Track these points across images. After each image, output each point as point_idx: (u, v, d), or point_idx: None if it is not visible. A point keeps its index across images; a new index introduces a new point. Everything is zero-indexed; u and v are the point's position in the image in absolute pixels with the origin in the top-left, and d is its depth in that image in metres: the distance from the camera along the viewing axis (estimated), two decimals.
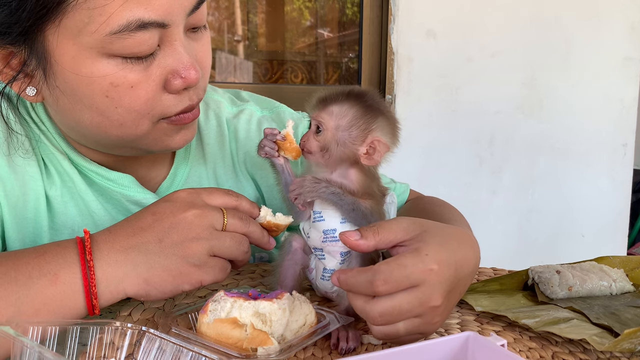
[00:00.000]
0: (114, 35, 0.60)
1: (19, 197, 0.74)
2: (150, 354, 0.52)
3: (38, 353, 0.44)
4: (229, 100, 0.93)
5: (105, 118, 0.66)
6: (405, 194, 0.97)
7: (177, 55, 0.65)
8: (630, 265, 0.84)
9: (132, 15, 0.59)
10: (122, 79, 0.63)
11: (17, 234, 0.74)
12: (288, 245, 0.68)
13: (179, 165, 0.85)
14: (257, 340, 0.55)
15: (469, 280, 0.61)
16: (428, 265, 0.54)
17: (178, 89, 0.66)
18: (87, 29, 0.60)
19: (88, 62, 0.62)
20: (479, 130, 2.09)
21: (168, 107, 0.67)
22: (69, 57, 0.62)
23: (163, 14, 0.61)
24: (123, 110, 0.65)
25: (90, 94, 0.64)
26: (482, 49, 2.05)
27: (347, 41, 2.53)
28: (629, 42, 2.14)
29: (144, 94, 0.65)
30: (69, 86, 0.64)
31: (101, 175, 0.77)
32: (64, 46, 0.61)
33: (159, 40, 0.63)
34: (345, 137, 0.64)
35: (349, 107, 0.64)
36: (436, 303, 0.55)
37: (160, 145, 0.72)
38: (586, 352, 0.63)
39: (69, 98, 0.65)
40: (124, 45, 0.61)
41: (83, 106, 0.66)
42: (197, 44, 0.69)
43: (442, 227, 0.61)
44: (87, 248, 0.60)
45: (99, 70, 0.62)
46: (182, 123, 0.70)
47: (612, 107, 2.17)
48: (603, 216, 2.23)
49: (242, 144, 0.89)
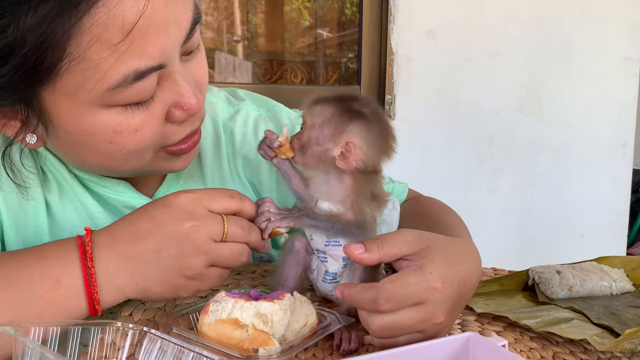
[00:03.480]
0: (113, 91, 0.58)
1: (18, 201, 0.73)
2: (152, 354, 0.52)
3: (39, 354, 0.44)
4: (225, 100, 0.91)
5: (110, 160, 0.66)
6: (404, 194, 0.96)
7: (177, 87, 0.64)
8: (631, 265, 0.84)
9: (128, 68, 0.57)
10: (125, 126, 0.62)
11: (16, 237, 0.74)
12: (290, 246, 0.68)
13: (174, 173, 0.84)
14: (258, 341, 0.55)
15: (471, 294, 0.61)
16: (432, 284, 0.54)
17: (181, 120, 0.66)
18: (84, 88, 0.58)
19: (88, 115, 0.60)
20: (478, 130, 2.09)
21: (171, 136, 0.67)
22: (68, 113, 0.60)
23: (158, 56, 0.59)
24: (128, 152, 0.65)
25: (94, 143, 0.63)
26: (482, 49, 2.05)
27: (346, 41, 2.53)
28: (628, 43, 2.14)
29: (149, 133, 0.64)
30: (71, 137, 0.63)
31: (95, 182, 0.77)
32: (62, 104, 0.60)
33: (157, 79, 0.62)
34: (319, 134, 0.62)
35: (330, 107, 0.63)
36: (439, 320, 0.55)
37: (165, 169, 0.73)
38: (587, 352, 0.63)
39: (72, 146, 0.65)
40: (123, 96, 0.59)
41: (87, 152, 0.65)
42: (193, 64, 0.68)
43: (446, 242, 0.60)
44: (89, 253, 0.59)
45: (100, 122, 0.61)
46: (182, 153, 0.70)
47: (611, 107, 2.18)
48: (602, 216, 2.23)
49: (239, 147, 0.87)
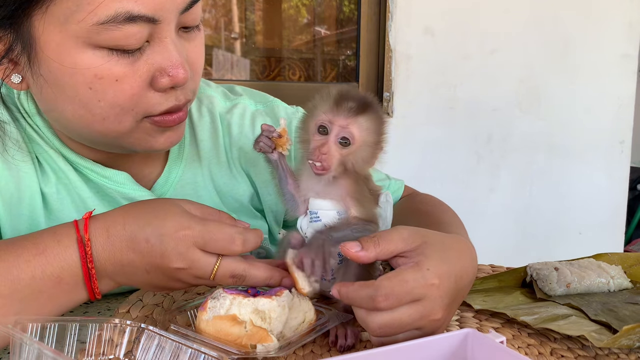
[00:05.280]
0: (101, 26, 0.59)
1: (13, 194, 0.73)
2: (149, 351, 0.52)
3: (37, 350, 0.44)
4: (222, 95, 0.92)
5: (87, 111, 0.65)
6: (400, 191, 0.96)
7: (166, 52, 0.64)
8: (628, 262, 0.84)
9: (121, 7, 0.58)
10: (107, 72, 0.62)
11: (11, 229, 0.74)
12: (287, 242, 0.67)
13: (173, 163, 0.84)
14: (257, 337, 0.55)
15: (467, 290, 0.62)
16: (429, 280, 0.54)
17: (165, 87, 0.65)
18: (74, 17, 0.59)
19: (73, 51, 0.61)
20: (476, 127, 2.09)
21: (153, 105, 0.66)
22: (54, 44, 0.61)
23: (154, 8, 0.60)
24: (106, 105, 0.64)
25: (74, 85, 0.63)
26: (480, 46, 2.05)
27: (344, 38, 2.52)
28: (626, 40, 2.14)
29: (129, 88, 0.63)
30: (52, 75, 0.63)
31: (96, 172, 0.77)
32: (49, 33, 0.60)
33: (148, 36, 0.62)
34: (368, 154, 0.60)
35: (374, 120, 0.59)
36: (437, 316, 0.56)
37: (144, 146, 0.71)
38: (585, 349, 0.63)
39: (52, 88, 0.64)
40: (110, 37, 0.60)
41: (66, 97, 0.65)
42: (190, 44, 0.68)
43: (442, 238, 0.61)
44: (89, 255, 0.59)
45: (83, 61, 0.61)
46: (165, 125, 0.69)
47: (609, 104, 2.18)
48: (600, 213, 2.23)
49: (236, 139, 0.88)
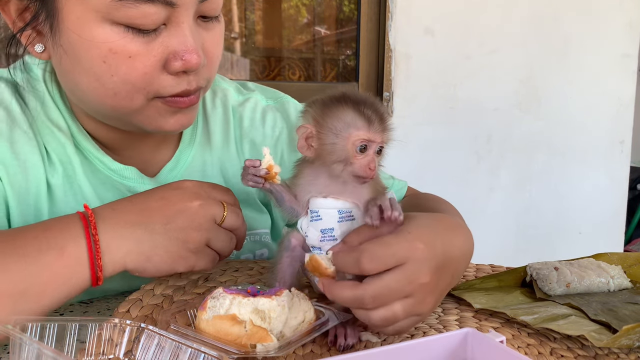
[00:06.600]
0: (120, 2, 0.62)
1: (22, 183, 0.74)
2: (149, 350, 0.52)
3: (37, 350, 0.44)
4: (236, 89, 0.96)
5: (100, 85, 0.67)
6: (403, 191, 0.98)
7: (182, 37, 0.66)
8: (628, 262, 0.84)
9: None
10: (121, 48, 0.64)
11: (20, 217, 0.75)
12: (287, 242, 0.67)
13: (184, 149, 0.86)
14: (256, 337, 0.55)
15: (461, 263, 0.62)
16: (412, 242, 0.55)
17: (177, 70, 0.67)
18: None
19: (91, 24, 0.64)
20: (476, 127, 2.10)
21: (164, 87, 0.68)
22: (74, 17, 0.64)
23: None
24: (119, 80, 0.66)
25: (90, 58, 0.65)
26: (480, 46, 2.05)
27: (344, 38, 2.52)
28: (626, 40, 2.14)
29: (142, 67, 0.66)
30: (71, 47, 0.66)
31: (105, 164, 0.79)
32: (72, 5, 0.64)
33: (165, 19, 0.64)
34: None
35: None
36: (424, 280, 0.55)
37: (154, 125, 0.72)
38: (584, 348, 0.63)
39: (70, 59, 0.67)
40: (127, 14, 0.62)
41: (82, 69, 0.67)
42: (207, 33, 0.70)
43: (428, 214, 0.62)
44: (92, 222, 0.61)
45: (99, 35, 0.64)
46: (176, 106, 0.70)
47: (609, 104, 2.18)
48: (600, 213, 2.24)
49: (246, 132, 0.92)
